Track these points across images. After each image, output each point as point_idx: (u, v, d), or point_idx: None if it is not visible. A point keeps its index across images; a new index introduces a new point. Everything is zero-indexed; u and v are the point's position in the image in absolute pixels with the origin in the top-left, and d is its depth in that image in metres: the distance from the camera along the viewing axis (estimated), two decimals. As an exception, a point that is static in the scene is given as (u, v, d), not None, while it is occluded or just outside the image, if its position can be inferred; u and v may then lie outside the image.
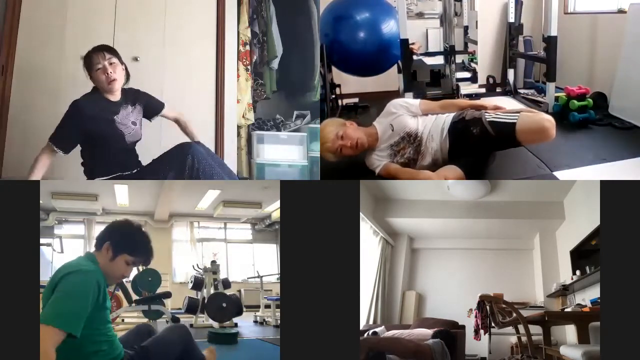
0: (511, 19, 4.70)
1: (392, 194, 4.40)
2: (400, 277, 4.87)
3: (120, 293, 4.49)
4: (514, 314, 3.33)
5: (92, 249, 1.85)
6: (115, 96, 2.74)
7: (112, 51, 2.72)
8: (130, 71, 2.82)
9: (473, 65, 5.45)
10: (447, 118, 2.83)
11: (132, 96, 2.82)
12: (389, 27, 4.48)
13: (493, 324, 3.51)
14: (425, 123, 2.86)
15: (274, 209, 6.80)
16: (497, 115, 2.73)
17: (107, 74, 2.65)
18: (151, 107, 2.92)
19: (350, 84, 5.33)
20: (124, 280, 4.71)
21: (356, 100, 5.40)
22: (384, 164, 2.85)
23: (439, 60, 5.23)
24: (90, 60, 2.67)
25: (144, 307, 4.26)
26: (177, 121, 3.06)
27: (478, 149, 2.76)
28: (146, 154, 2.84)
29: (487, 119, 2.69)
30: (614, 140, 3.39)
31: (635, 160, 3.01)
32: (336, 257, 2.14)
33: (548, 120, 2.60)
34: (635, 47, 3.61)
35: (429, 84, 5.04)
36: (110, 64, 2.66)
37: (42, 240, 4.69)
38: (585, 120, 3.66)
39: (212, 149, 3.77)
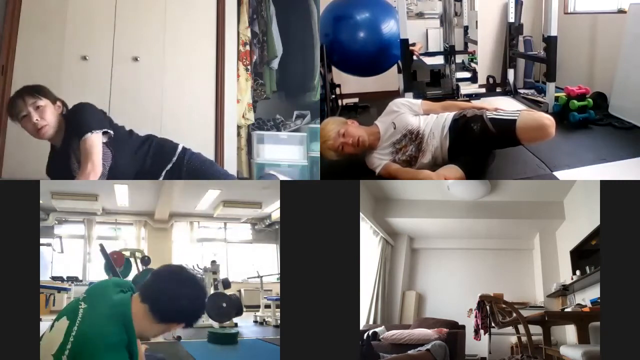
0: (511, 19, 4.70)
1: (392, 194, 4.40)
2: (400, 277, 4.87)
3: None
4: (514, 314, 3.33)
5: (91, 249, 1.77)
6: (56, 140, 2.39)
7: (36, 92, 2.33)
8: (130, 71, 2.79)
9: (473, 65, 5.45)
10: (449, 116, 2.85)
11: (71, 126, 2.38)
12: (389, 27, 4.48)
13: (493, 324, 3.52)
14: (427, 121, 2.87)
15: (274, 209, 6.81)
16: (498, 113, 2.76)
17: (34, 121, 2.29)
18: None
19: (350, 84, 5.33)
20: (124, 280, 4.73)
21: (356, 100, 5.40)
22: (385, 163, 2.85)
23: (439, 60, 5.23)
24: (13, 108, 2.32)
25: (144, 307, 4.25)
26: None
27: (478, 147, 2.77)
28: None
29: (488, 116, 2.72)
30: (614, 140, 3.38)
31: (635, 160, 3.00)
32: (336, 257, 2.14)
33: (548, 119, 2.63)
34: (635, 47, 3.60)
35: (429, 84, 5.03)
36: (37, 107, 2.30)
37: (42, 240, 4.69)
38: (585, 120, 3.66)
39: (212, 149, 3.79)
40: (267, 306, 5.58)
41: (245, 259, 7.98)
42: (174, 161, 2.51)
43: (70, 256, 6.96)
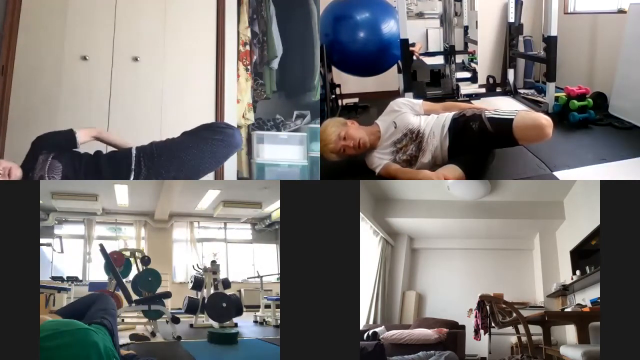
0: (511, 19, 4.71)
1: (392, 194, 4.40)
2: (400, 277, 4.87)
3: (120, 293, 4.49)
4: (514, 314, 3.33)
5: (91, 249, 1.72)
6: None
7: None
8: (130, 71, 2.79)
9: (473, 65, 5.46)
10: (449, 116, 2.86)
11: (36, 151, 2.64)
12: (389, 27, 4.48)
13: (493, 324, 3.52)
14: (427, 121, 2.88)
15: (274, 209, 6.80)
16: (497, 113, 2.76)
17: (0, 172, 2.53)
18: (62, 145, 2.69)
19: (350, 84, 5.33)
20: (124, 280, 4.73)
21: (356, 100, 5.40)
22: (385, 163, 2.86)
23: (439, 60, 5.23)
24: None
25: (144, 307, 4.27)
26: (97, 138, 2.83)
27: (477, 146, 2.77)
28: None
29: (487, 115, 2.72)
30: (614, 140, 3.39)
31: (635, 160, 3.00)
32: (336, 257, 2.14)
33: (545, 119, 2.62)
34: (635, 47, 3.61)
35: (429, 84, 5.03)
36: None
37: (42, 240, 4.69)
38: (585, 120, 3.66)
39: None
40: (267, 306, 5.57)
41: (245, 259, 7.98)
42: (134, 162, 2.65)
43: (70, 256, 6.96)
